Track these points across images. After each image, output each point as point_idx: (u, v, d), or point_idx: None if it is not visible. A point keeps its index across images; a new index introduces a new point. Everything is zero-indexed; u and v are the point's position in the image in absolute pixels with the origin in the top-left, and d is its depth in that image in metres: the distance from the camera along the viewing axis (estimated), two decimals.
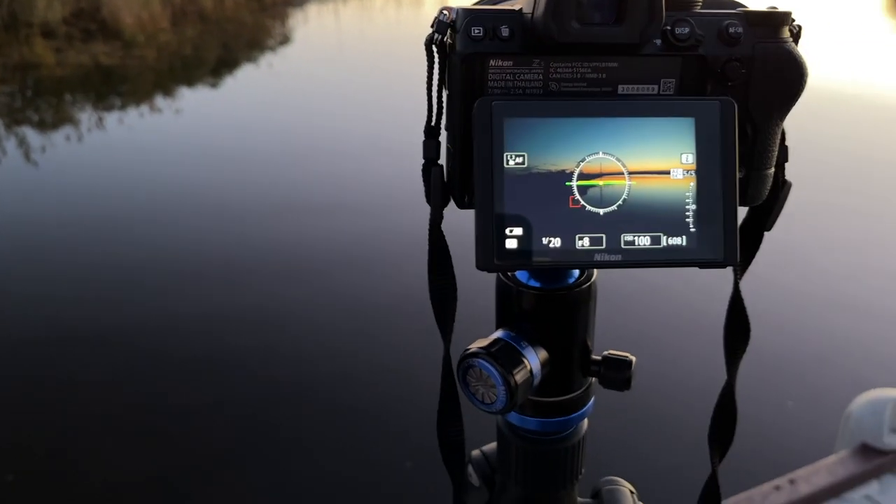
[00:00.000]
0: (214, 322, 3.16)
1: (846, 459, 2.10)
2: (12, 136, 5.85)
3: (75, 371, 2.76)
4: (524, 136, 0.39)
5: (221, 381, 2.74)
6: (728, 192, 0.39)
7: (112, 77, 7.96)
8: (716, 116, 0.39)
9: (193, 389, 2.68)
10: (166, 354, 2.90)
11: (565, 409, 0.51)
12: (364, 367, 2.83)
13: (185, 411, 2.56)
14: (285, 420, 2.52)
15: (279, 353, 2.93)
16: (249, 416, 2.55)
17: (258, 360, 2.88)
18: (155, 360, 2.86)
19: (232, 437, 2.45)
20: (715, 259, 0.39)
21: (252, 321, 3.17)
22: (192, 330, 3.10)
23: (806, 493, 1.99)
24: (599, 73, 0.41)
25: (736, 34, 0.41)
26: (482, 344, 0.47)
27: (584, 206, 0.39)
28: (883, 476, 2.08)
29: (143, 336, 3.03)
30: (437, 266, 0.45)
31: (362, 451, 2.38)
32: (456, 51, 0.40)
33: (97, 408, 2.56)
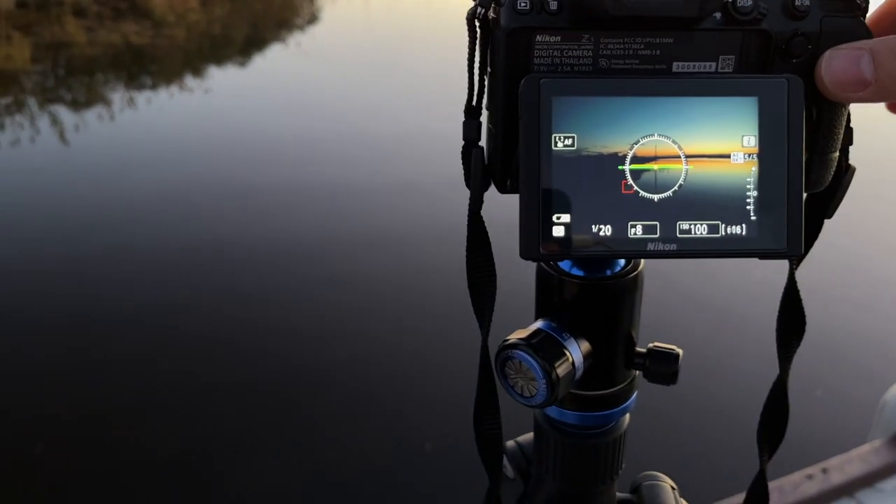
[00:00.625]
0: (248, 301, 3.18)
1: (881, 448, 2.06)
2: (45, 115, 5.92)
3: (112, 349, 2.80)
4: (574, 116, 0.36)
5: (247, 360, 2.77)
6: (794, 178, 0.37)
7: (142, 57, 8.01)
8: (782, 96, 0.36)
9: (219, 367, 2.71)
10: (203, 334, 2.93)
11: (607, 404, 0.49)
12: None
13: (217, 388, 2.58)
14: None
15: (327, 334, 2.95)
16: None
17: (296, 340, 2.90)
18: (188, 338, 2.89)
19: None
20: (778, 249, 0.37)
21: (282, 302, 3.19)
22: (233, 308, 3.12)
23: (838, 483, 1.96)
24: (653, 49, 0.39)
25: (803, 7, 0.38)
26: (522, 335, 0.45)
27: (638, 191, 0.37)
28: None
29: (177, 314, 3.06)
30: (477, 252, 0.43)
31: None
32: (500, 25, 0.38)
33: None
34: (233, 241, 3.74)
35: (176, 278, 3.35)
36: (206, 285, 3.30)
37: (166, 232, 3.83)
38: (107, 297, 3.16)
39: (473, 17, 0.39)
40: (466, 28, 0.40)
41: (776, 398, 0.49)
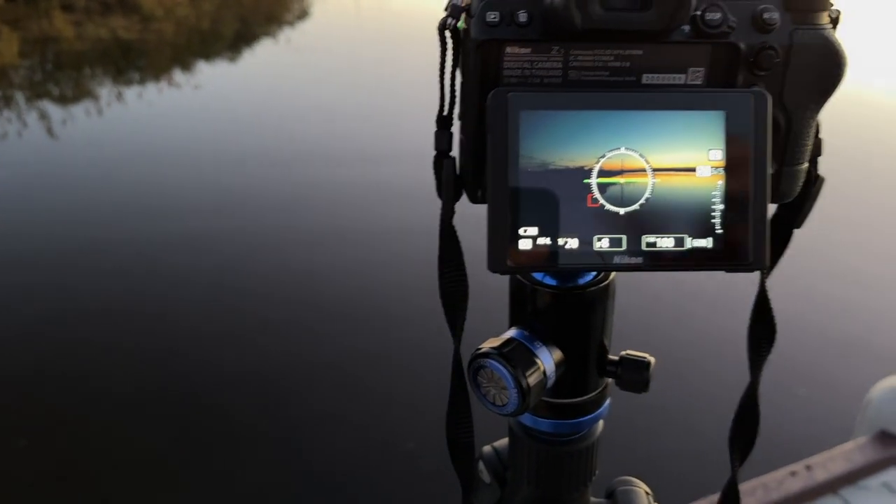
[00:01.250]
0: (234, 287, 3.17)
1: (864, 446, 2.08)
2: (33, 110, 5.87)
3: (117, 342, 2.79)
4: (541, 129, 0.36)
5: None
6: (759, 192, 0.37)
7: (131, 51, 7.96)
8: (748, 110, 0.37)
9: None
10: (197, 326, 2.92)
11: (580, 411, 0.50)
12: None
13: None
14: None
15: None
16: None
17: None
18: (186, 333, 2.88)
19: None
20: (743, 262, 0.37)
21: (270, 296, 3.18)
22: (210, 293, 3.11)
23: (822, 480, 1.97)
24: (623, 61, 0.39)
25: (771, 20, 0.38)
26: (494, 344, 0.45)
27: (604, 204, 0.37)
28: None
29: (159, 308, 3.05)
30: (448, 262, 0.43)
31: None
32: (470, 37, 0.38)
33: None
34: (216, 236, 3.73)
35: (160, 274, 3.34)
36: (190, 279, 3.29)
37: (153, 227, 3.81)
38: (85, 292, 3.15)
39: (444, 29, 0.39)
40: (438, 39, 0.40)
41: (747, 405, 0.49)
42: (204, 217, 3.97)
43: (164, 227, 3.81)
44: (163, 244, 3.63)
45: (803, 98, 0.40)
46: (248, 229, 3.84)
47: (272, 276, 3.38)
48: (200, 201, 4.17)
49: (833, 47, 0.39)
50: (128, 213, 3.98)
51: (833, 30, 0.40)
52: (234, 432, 2.40)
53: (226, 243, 3.67)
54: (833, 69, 0.40)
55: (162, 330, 2.91)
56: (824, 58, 0.39)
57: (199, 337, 2.89)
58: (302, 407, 2.52)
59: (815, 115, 0.41)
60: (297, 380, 2.66)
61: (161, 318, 2.98)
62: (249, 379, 2.65)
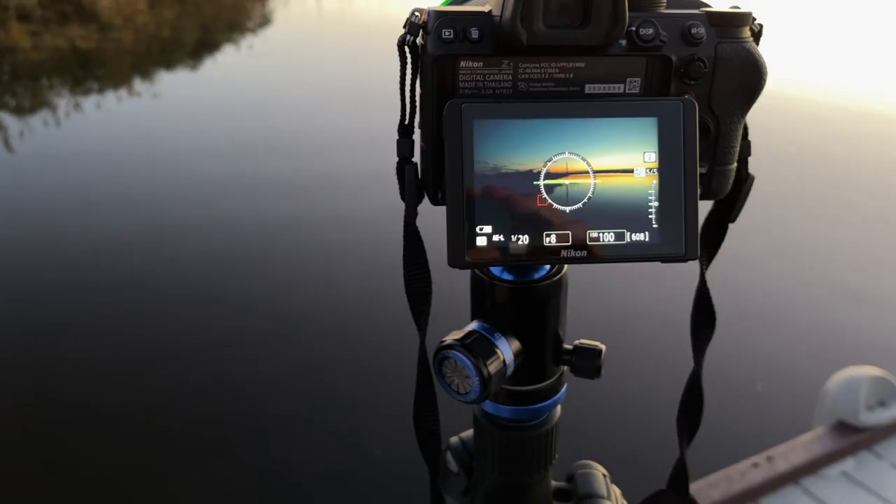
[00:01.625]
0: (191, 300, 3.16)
1: (823, 436, 2.14)
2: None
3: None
4: (493, 137, 0.40)
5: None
6: (689, 190, 0.41)
7: (89, 60, 7.85)
8: (678, 116, 0.40)
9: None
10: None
11: (538, 397, 0.53)
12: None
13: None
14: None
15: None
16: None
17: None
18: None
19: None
20: (676, 253, 0.41)
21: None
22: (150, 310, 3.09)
23: (783, 471, 2.03)
24: (567, 73, 0.42)
25: (698, 35, 0.42)
26: (457, 336, 0.48)
27: (552, 204, 0.40)
28: (859, 453, 2.13)
29: (124, 319, 3.03)
30: (413, 261, 0.46)
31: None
32: (427, 52, 0.41)
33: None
34: (178, 243, 3.71)
35: (122, 283, 3.31)
36: (153, 290, 3.27)
37: (112, 235, 3.77)
38: (42, 303, 3.11)
39: (403, 44, 0.42)
40: (398, 54, 0.43)
41: (692, 388, 0.53)
42: (168, 225, 3.94)
43: (127, 238, 3.77)
44: (125, 254, 3.60)
45: (729, 104, 0.44)
46: (212, 237, 3.82)
47: (234, 285, 3.37)
48: (164, 210, 4.14)
49: (754, 59, 0.43)
50: (89, 224, 3.93)
51: (755, 43, 0.44)
52: (203, 441, 2.39)
53: (190, 252, 3.65)
54: (754, 78, 0.44)
55: (126, 344, 2.88)
56: (746, 68, 0.43)
57: (165, 349, 2.87)
58: (269, 415, 2.52)
59: (741, 120, 0.45)
60: (262, 388, 2.66)
61: (119, 332, 2.96)
62: (215, 389, 2.65)
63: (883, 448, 2.14)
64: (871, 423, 2.12)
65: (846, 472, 2.07)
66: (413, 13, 0.42)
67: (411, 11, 0.43)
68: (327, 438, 2.41)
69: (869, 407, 2.15)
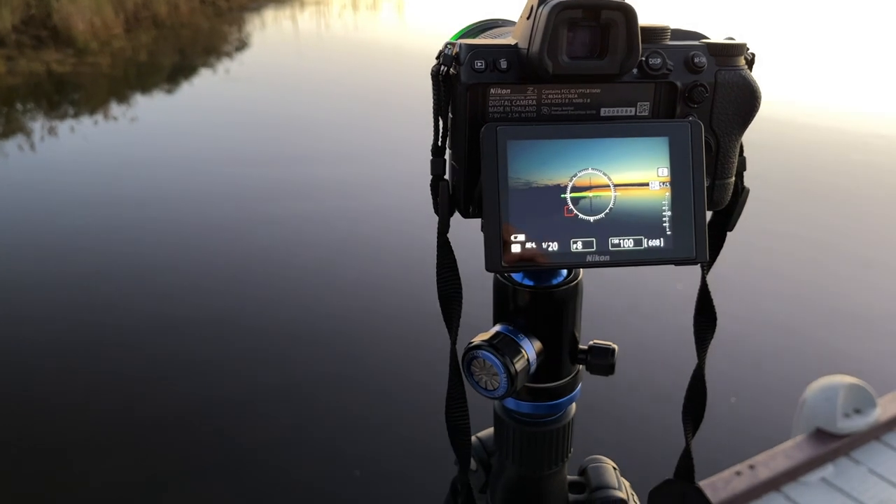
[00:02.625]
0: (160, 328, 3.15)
1: (802, 444, 2.20)
2: None
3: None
4: (525, 155, 0.45)
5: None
6: (698, 200, 0.46)
7: (65, 85, 7.82)
8: (686, 135, 0.46)
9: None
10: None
11: (556, 394, 0.57)
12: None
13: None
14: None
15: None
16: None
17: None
18: None
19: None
20: (688, 257, 0.46)
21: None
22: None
23: (765, 478, 2.08)
24: (585, 98, 0.48)
25: (700, 63, 0.48)
26: (484, 337, 0.52)
27: (577, 214, 0.45)
28: (838, 459, 2.19)
29: (104, 346, 3.02)
30: (445, 268, 0.51)
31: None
32: (461, 81, 0.46)
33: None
34: (153, 267, 3.71)
35: (97, 308, 3.31)
36: (129, 312, 3.27)
37: (90, 260, 3.76)
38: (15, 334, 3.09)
39: (438, 74, 0.47)
40: (431, 82, 0.48)
41: (696, 383, 0.58)
42: (145, 249, 3.94)
43: (102, 261, 3.77)
44: (109, 277, 3.59)
45: (728, 125, 0.50)
46: (198, 259, 3.83)
47: (216, 305, 3.38)
48: (139, 235, 4.14)
49: (749, 84, 0.49)
50: (70, 247, 3.92)
51: (749, 70, 0.50)
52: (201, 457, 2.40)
53: (164, 274, 3.65)
54: (750, 101, 0.50)
55: (105, 376, 2.88)
56: (742, 92, 0.49)
57: (153, 366, 2.87)
58: (264, 429, 2.53)
59: (738, 138, 0.51)
60: (260, 404, 2.67)
61: (96, 363, 2.95)
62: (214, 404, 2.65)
63: (860, 454, 2.21)
64: (848, 430, 2.19)
65: (825, 478, 2.13)
66: (446, 46, 0.47)
67: (444, 45, 0.48)
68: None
69: (846, 414, 2.22)
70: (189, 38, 10.87)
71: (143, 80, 8.37)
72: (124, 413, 2.61)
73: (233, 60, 9.47)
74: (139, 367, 2.89)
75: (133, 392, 2.73)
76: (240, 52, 10.05)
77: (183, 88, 8.16)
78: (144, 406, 2.65)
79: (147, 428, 2.54)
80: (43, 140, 5.96)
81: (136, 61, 9.18)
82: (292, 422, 2.60)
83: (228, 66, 9.07)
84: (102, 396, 2.70)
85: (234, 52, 10.02)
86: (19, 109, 7.04)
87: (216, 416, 2.61)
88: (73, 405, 2.64)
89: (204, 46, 10.43)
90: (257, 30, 11.82)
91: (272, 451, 2.44)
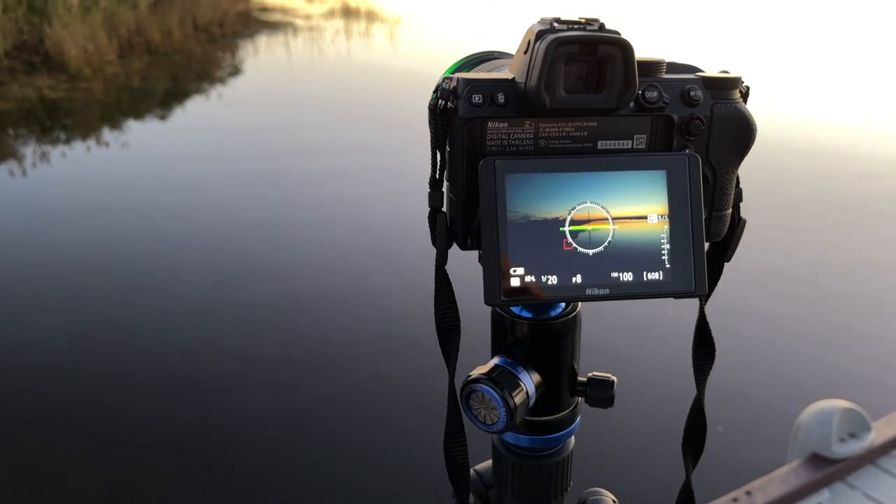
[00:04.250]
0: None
1: (798, 469, 2.19)
2: None
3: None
4: (523, 189, 0.45)
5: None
6: (696, 233, 0.46)
7: (58, 110, 7.82)
8: (684, 169, 0.46)
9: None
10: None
11: (555, 428, 0.57)
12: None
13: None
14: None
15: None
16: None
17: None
18: None
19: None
20: (688, 290, 0.46)
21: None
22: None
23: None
24: (581, 131, 0.48)
25: (696, 97, 0.48)
26: (483, 370, 0.52)
27: (576, 247, 0.45)
28: (833, 484, 2.18)
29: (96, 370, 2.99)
30: (443, 300, 0.51)
31: None
32: (458, 114, 0.46)
33: None
34: (145, 291, 3.69)
35: (87, 332, 3.28)
36: (120, 336, 3.25)
37: (84, 285, 3.74)
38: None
39: (436, 108, 0.47)
40: (428, 116, 0.47)
41: (695, 414, 0.57)
42: (136, 274, 3.92)
43: (101, 285, 3.74)
44: (99, 301, 3.57)
45: (724, 157, 0.50)
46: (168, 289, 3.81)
47: (204, 339, 3.36)
48: (131, 260, 4.12)
49: (744, 117, 0.49)
50: (65, 271, 3.90)
51: (744, 102, 0.50)
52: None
53: (156, 301, 3.63)
54: (746, 133, 0.50)
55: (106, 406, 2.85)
56: (738, 125, 0.49)
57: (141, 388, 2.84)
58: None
59: (735, 170, 0.51)
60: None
61: (94, 391, 2.92)
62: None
63: (856, 479, 2.20)
64: (843, 455, 2.18)
65: (822, 503, 2.12)
66: (444, 80, 0.47)
67: (442, 79, 0.48)
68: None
69: (841, 439, 2.21)
70: (182, 63, 10.92)
71: (135, 106, 8.38)
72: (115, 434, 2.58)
73: (226, 86, 9.50)
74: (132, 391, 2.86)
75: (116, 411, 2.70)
76: (233, 78, 10.09)
77: (176, 113, 8.18)
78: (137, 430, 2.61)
79: (139, 452, 2.51)
80: (35, 166, 5.95)
81: (129, 87, 9.20)
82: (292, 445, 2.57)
83: (221, 91, 9.10)
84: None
85: (227, 78, 10.06)
86: (11, 135, 7.03)
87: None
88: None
89: (197, 72, 10.48)
90: (250, 56, 11.88)
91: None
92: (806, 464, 2.20)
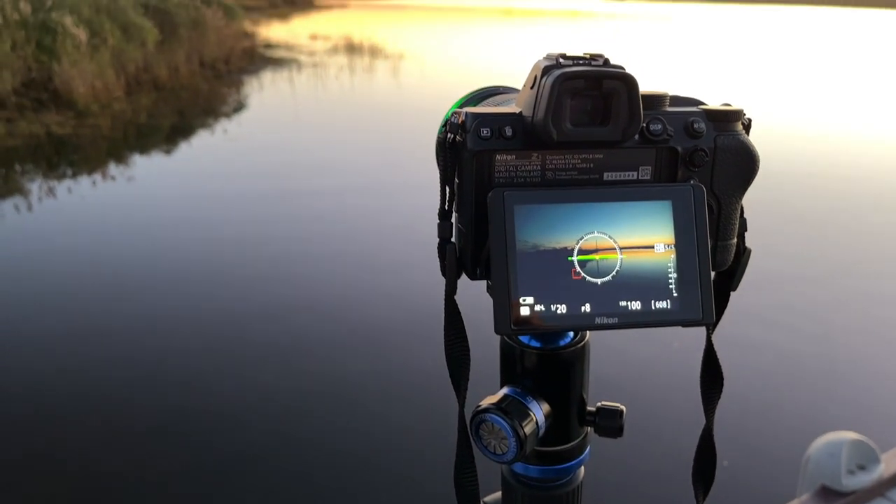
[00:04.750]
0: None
1: (808, 502, 2.16)
2: None
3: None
4: (532, 219, 0.46)
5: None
6: (702, 262, 0.47)
7: (65, 146, 7.91)
8: (689, 199, 0.47)
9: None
10: None
11: (564, 458, 0.57)
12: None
13: None
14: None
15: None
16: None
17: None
18: None
19: None
20: (695, 318, 0.47)
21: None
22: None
23: None
24: (588, 163, 0.49)
25: (700, 129, 0.49)
26: (492, 400, 0.52)
27: (585, 277, 0.46)
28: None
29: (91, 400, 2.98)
30: (452, 330, 0.51)
31: None
32: (467, 147, 0.47)
33: None
34: (151, 325, 3.70)
35: (96, 365, 3.28)
36: (127, 368, 3.25)
37: (86, 320, 3.75)
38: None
39: (444, 141, 0.48)
40: (437, 150, 0.49)
41: (705, 444, 0.57)
42: (141, 307, 3.93)
43: (106, 320, 3.75)
44: (107, 336, 3.57)
45: (728, 187, 0.51)
46: (166, 314, 3.81)
47: (200, 370, 3.35)
48: (143, 290, 4.13)
49: (748, 148, 0.50)
50: (67, 305, 3.91)
51: (746, 134, 0.51)
52: None
53: (159, 334, 3.63)
54: (749, 164, 0.51)
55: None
56: (741, 156, 0.51)
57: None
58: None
59: (739, 200, 0.52)
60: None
61: (103, 428, 2.91)
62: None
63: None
64: (853, 487, 2.16)
65: None
66: (452, 115, 0.49)
67: (451, 113, 0.49)
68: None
69: (850, 471, 2.19)
70: (188, 99, 11.07)
71: (142, 141, 8.48)
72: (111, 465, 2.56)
73: (230, 121, 9.62)
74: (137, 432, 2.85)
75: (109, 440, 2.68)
76: (238, 113, 10.21)
77: (181, 148, 8.26)
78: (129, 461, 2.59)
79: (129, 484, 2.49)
80: (41, 201, 5.99)
81: (136, 123, 9.31)
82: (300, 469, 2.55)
83: (226, 127, 9.20)
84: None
85: (232, 113, 10.18)
86: (18, 171, 7.10)
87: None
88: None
89: (203, 108, 10.61)
90: (255, 91, 12.04)
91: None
92: (815, 497, 2.17)
